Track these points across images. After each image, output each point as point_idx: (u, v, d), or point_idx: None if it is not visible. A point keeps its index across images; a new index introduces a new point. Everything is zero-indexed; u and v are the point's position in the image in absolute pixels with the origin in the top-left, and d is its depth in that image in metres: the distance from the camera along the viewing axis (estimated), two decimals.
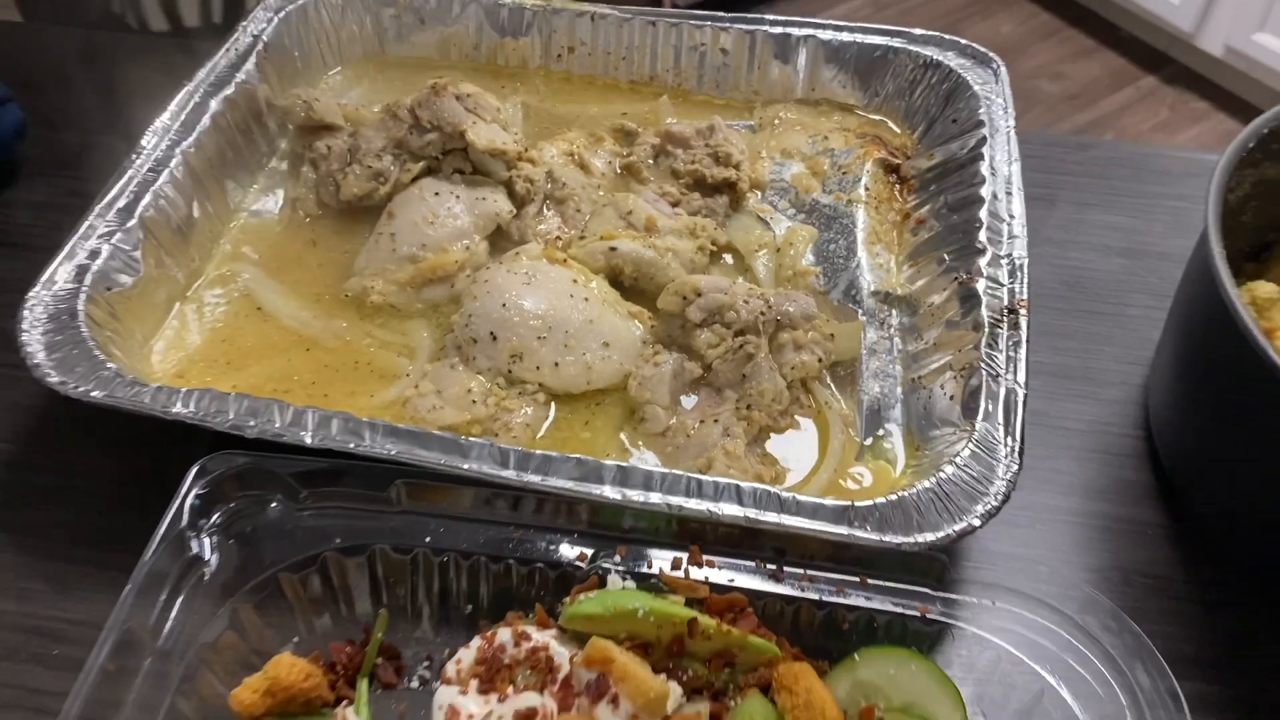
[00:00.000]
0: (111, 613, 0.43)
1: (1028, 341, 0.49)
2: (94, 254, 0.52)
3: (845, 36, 0.65)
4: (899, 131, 0.64)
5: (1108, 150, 0.72)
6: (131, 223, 0.53)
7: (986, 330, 0.49)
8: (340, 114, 0.62)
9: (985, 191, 0.54)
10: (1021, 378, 0.47)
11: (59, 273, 0.51)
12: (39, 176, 0.69)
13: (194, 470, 0.43)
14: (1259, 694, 0.45)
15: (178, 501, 0.43)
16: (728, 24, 0.67)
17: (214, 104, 0.59)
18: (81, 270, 0.51)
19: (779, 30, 0.66)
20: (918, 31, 0.66)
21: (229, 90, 0.60)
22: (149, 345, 0.54)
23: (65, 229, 0.59)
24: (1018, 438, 0.45)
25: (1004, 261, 0.52)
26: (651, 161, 0.63)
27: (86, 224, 0.53)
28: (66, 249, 0.52)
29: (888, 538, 0.42)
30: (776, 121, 0.66)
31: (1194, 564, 0.51)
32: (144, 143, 0.57)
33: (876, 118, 0.66)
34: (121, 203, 0.54)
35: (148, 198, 0.55)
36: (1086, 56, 2.49)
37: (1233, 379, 0.48)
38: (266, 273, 0.58)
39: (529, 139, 0.64)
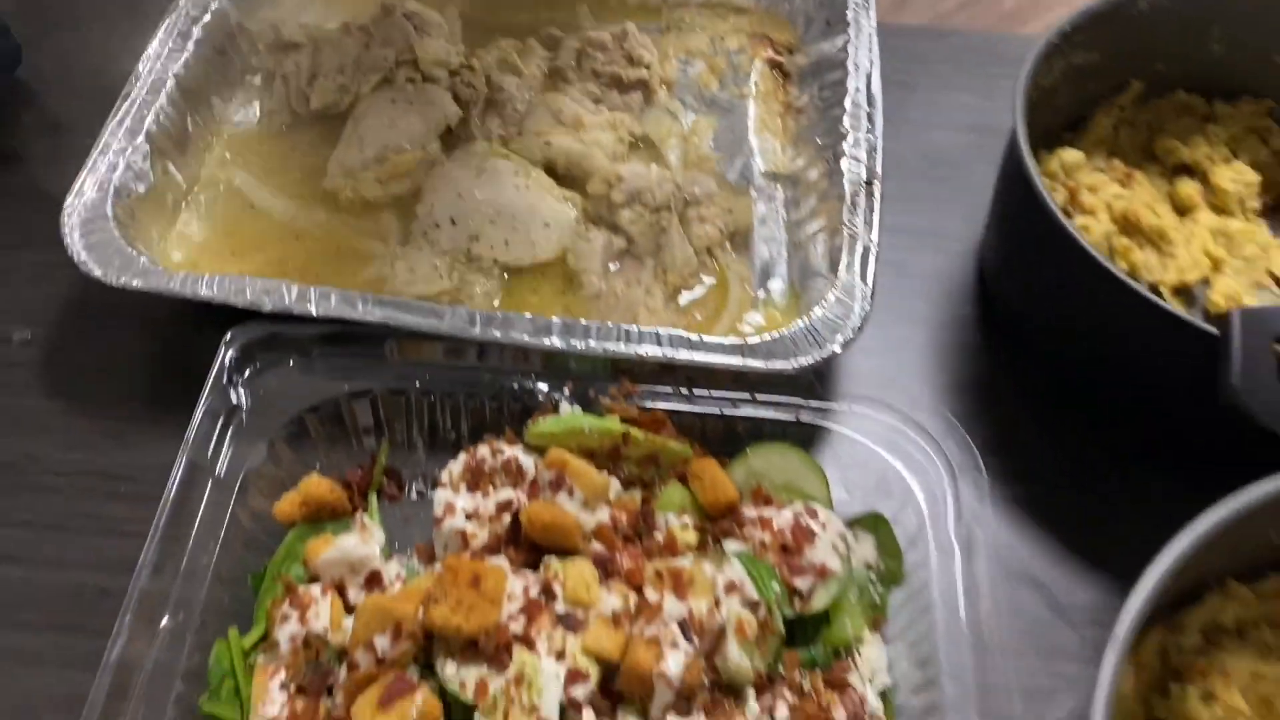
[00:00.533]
0: (168, 454, 0.55)
1: (880, 208, 0.62)
2: (112, 167, 0.62)
3: None
4: (786, 33, 0.76)
5: (962, 39, 0.84)
6: (139, 139, 0.63)
7: (848, 199, 0.61)
8: (303, 33, 0.72)
9: (850, 84, 0.66)
10: (875, 236, 0.60)
11: (86, 184, 0.61)
12: (42, 97, 0.77)
13: (227, 337, 0.55)
14: (1052, 465, 0.60)
15: (218, 362, 0.54)
16: None
17: (195, 30, 0.68)
18: (104, 181, 0.61)
19: None
20: None
21: (206, 18, 0.69)
22: (164, 242, 0.64)
23: (72, 144, 0.69)
24: (870, 283, 0.58)
25: (864, 142, 0.64)
26: (574, 64, 0.73)
27: (103, 140, 0.63)
28: (89, 164, 0.62)
29: (771, 364, 0.56)
30: (681, 24, 0.76)
31: (1008, 373, 0.65)
32: (139, 68, 0.66)
33: (766, 18, 0.77)
34: (128, 122, 0.64)
35: (150, 116, 0.64)
36: None
37: (1024, 221, 0.61)
38: (253, 175, 0.68)
39: (468, 48, 0.74)
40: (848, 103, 0.65)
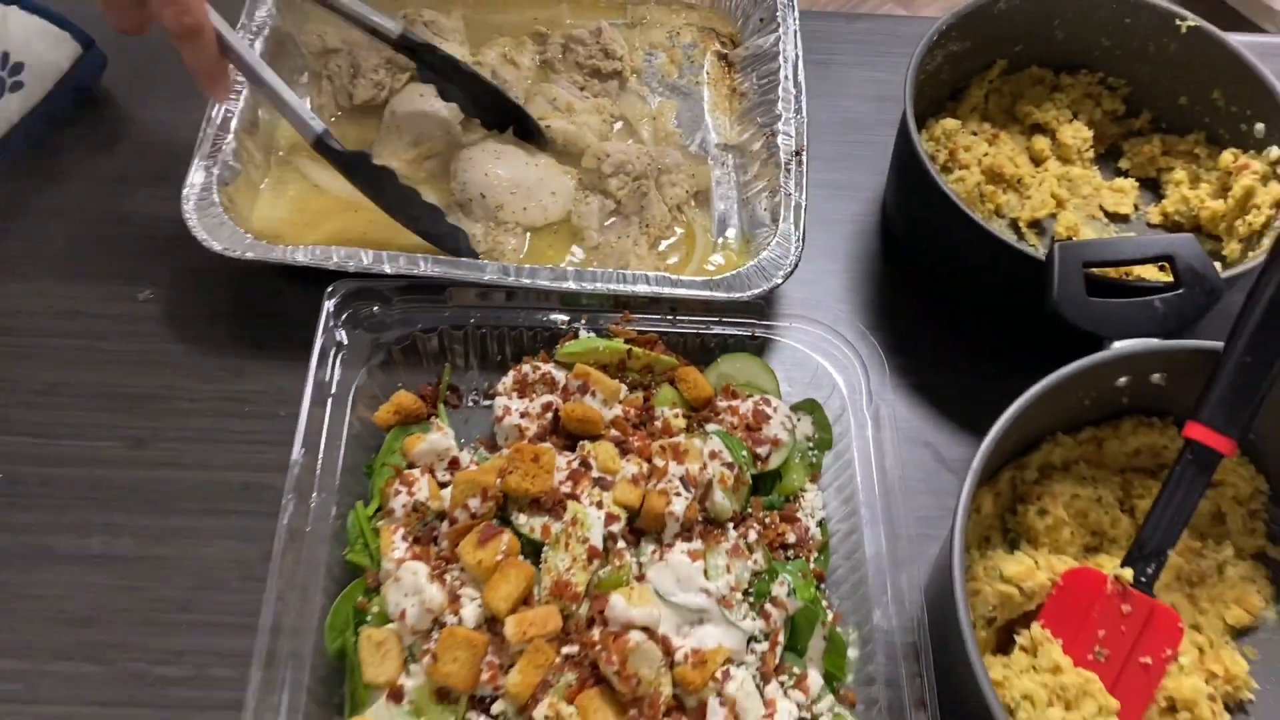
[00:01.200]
0: (277, 381, 0.74)
1: (807, 170, 0.81)
2: (211, 160, 0.79)
3: None
4: (730, 27, 0.94)
5: (867, 23, 1.03)
6: (229, 137, 0.80)
7: (783, 166, 0.81)
8: (342, 40, 0.89)
9: (781, 73, 0.85)
10: (804, 196, 0.80)
11: (194, 175, 0.78)
12: (130, 100, 0.91)
13: (329, 290, 0.73)
14: (933, 358, 0.81)
15: (324, 310, 0.72)
16: None
17: (258, 44, 0.85)
18: (208, 171, 0.78)
19: None
20: None
21: (266, 31, 0.86)
22: (253, 218, 0.82)
23: (165, 138, 0.85)
24: (802, 231, 0.78)
25: (793, 120, 0.83)
26: (560, 56, 0.91)
27: (200, 136, 0.79)
28: (195, 161, 0.78)
29: (731, 295, 0.75)
30: (643, 21, 0.94)
31: (904, 293, 0.85)
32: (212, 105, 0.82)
33: (713, 14, 0.95)
34: (218, 121, 0.80)
35: (235, 119, 0.81)
36: None
37: (912, 176, 0.81)
38: (313, 160, 0.85)
39: (473, 47, 0.91)
40: (779, 90, 0.84)
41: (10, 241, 0.82)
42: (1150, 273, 0.78)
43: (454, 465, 0.70)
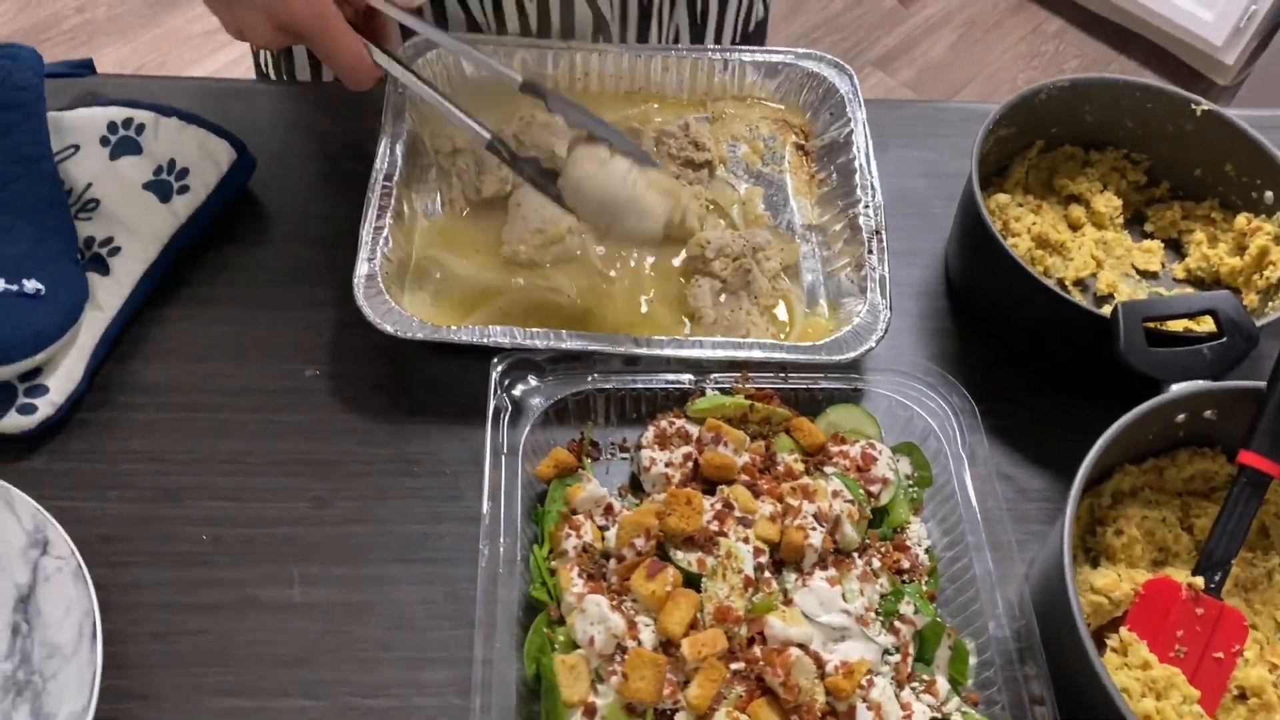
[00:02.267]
0: (442, 444, 0.84)
1: (888, 246, 0.94)
2: (371, 253, 0.90)
3: (759, 56, 1.07)
4: (801, 119, 1.07)
5: (912, 108, 1.17)
6: (384, 233, 0.91)
7: (866, 245, 0.93)
8: (466, 141, 1.00)
9: (854, 161, 0.98)
10: (887, 269, 0.92)
11: (360, 266, 0.88)
12: (278, 197, 1.02)
13: (495, 362, 0.83)
14: (1012, 401, 0.93)
15: (492, 380, 0.82)
16: (686, 53, 1.07)
17: (399, 147, 0.96)
18: (370, 263, 0.89)
19: (718, 55, 1.07)
20: (800, 50, 1.08)
21: (403, 137, 0.97)
22: (403, 303, 0.92)
23: (316, 232, 0.96)
24: (888, 301, 0.90)
25: (871, 202, 0.96)
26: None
27: (363, 231, 0.90)
28: (361, 254, 0.89)
29: (833, 357, 0.87)
30: (724, 115, 1.07)
31: (974, 345, 0.97)
32: (372, 178, 0.93)
33: (785, 109, 1.08)
34: (373, 217, 0.91)
35: (388, 217, 0.92)
36: None
37: (980, 243, 0.93)
38: (449, 251, 0.96)
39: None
40: (856, 177, 0.96)
41: (183, 327, 0.93)
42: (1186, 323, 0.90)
43: (609, 511, 0.81)
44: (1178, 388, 0.79)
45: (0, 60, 0.96)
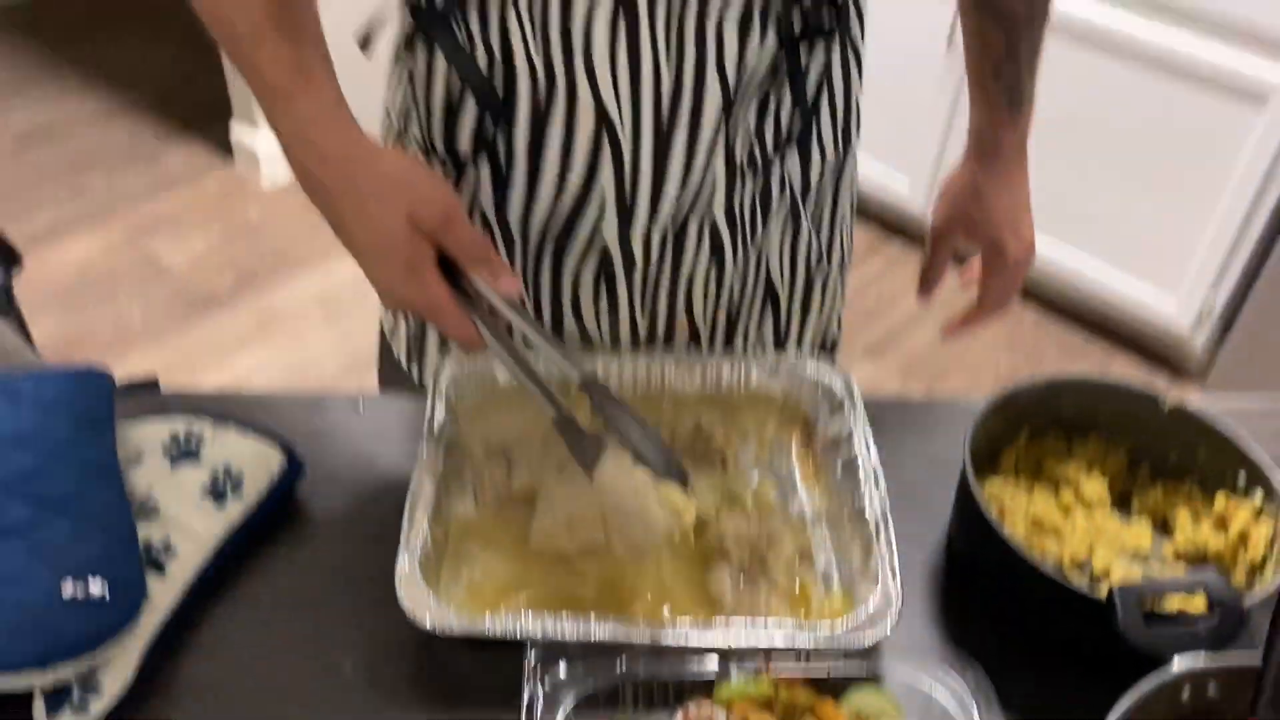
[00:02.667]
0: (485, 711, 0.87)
1: (894, 532, 1.00)
2: (411, 550, 0.96)
3: (763, 360, 1.18)
4: (804, 416, 1.16)
5: (903, 408, 1.28)
6: (423, 532, 0.98)
7: (873, 531, 1.00)
8: (500, 443, 1.09)
9: (858, 459, 1.06)
10: (895, 554, 0.98)
11: (401, 563, 0.95)
12: (322, 499, 1.10)
13: (527, 652, 0.88)
14: (1021, 674, 0.96)
15: (527, 664, 0.87)
16: (697, 357, 1.18)
17: (438, 450, 1.05)
18: (410, 560, 0.95)
19: (726, 360, 1.18)
20: (800, 355, 1.19)
21: (442, 441, 1.06)
22: (443, 596, 0.98)
23: (358, 532, 1.03)
24: (899, 586, 0.96)
25: (875, 492, 1.03)
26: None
27: (403, 531, 0.97)
28: (401, 552, 0.95)
29: (851, 643, 0.92)
30: (734, 413, 1.17)
31: (980, 621, 1.02)
32: (413, 480, 1.01)
33: (789, 407, 1.18)
34: (416, 516, 0.98)
35: (426, 516, 0.99)
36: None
37: (980, 530, 1.00)
38: (481, 545, 1.03)
39: None
40: (859, 469, 1.05)
41: (229, 625, 0.97)
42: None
43: None
44: (1180, 660, 0.84)
45: (78, 381, 1.06)
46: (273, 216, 3.71)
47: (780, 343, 1.33)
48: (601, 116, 1.03)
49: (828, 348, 1.41)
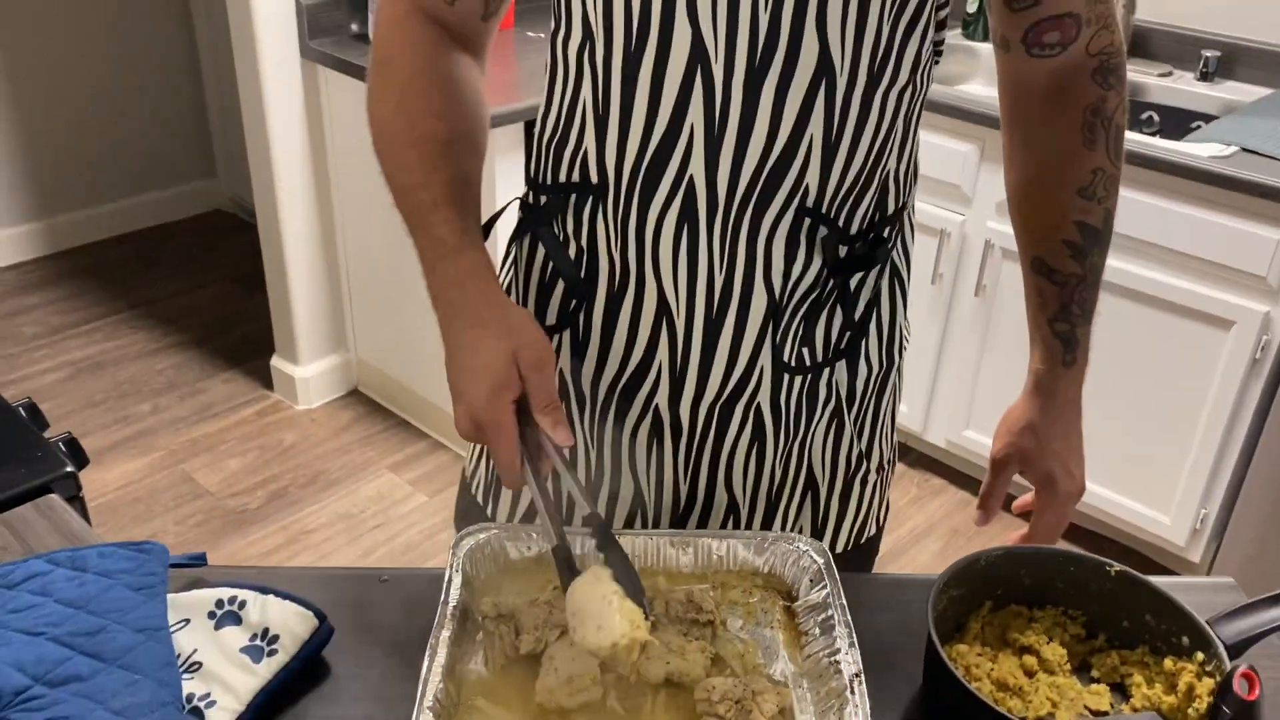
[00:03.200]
0: None
1: (867, 691, 1.10)
2: (426, 705, 1.06)
3: (749, 538, 1.30)
4: (786, 586, 1.28)
5: (881, 580, 1.39)
6: (438, 688, 1.08)
7: (848, 685, 1.09)
8: (509, 607, 1.20)
9: (832, 619, 1.17)
10: (868, 707, 1.07)
11: (417, 716, 1.05)
12: (349, 660, 1.21)
13: None
14: None
15: None
16: (690, 536, 1.31)
17: (452, 615, 1.16)
18: (424, 716, 1.05)
19: (715, 539, 1.30)
20: (782, 534, 1.32)
21: (457, 605, 1.18)
22: None
23: (380, 692, 1.13)
24: None
25: (850, 651, 1.13)
26: (665, 613, 1.23)
27: (420, 687, 1.07)
28: (417, 707, 1.05)
29: None
30: (721, 584, 1.28)
31: None
32: (430, 641, 1.13)
33: (773, 578, 1.30)
34: (429, 675, 1.09)
35: (440, 675, 1.10)
36: None
37: (947, 688, 1.09)
38: (489, 700, 1.13)
39: None
40: (834, 631, 1.15)
41: None
42: None
43: None
44: None
45: (138, 553, 1.20)
46: (305, 440, 3.91)
47: (817, 532, 1.46)
48: (663, 305, 1.24)
49: (863, 545, 1.53)
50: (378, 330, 4.00)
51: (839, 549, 1.50)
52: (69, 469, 1.50)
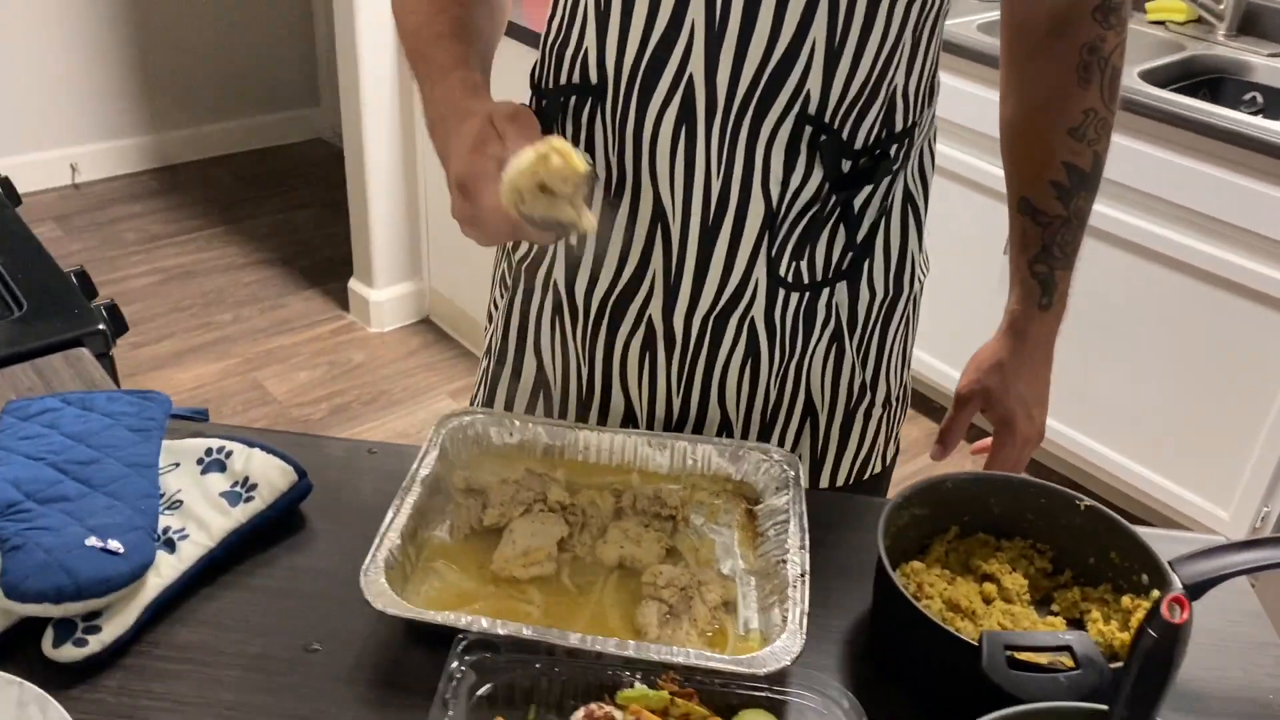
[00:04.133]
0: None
1: (809, 590, 1.11)
2: (380, 557, 1.10)
3: (724, 447, 1.32)
4: (753, 491, 1.29)
5: (848, 498, 1.39)
6: (397, 539, 1.13)
7: (791, 584, 1.11)
8: (479, 483, 1.25)
9: (789, 524, 1.18)
10: (807, 605, 1.08)
11: (368, 565, 1.09)
12: (323, 515, 1.27)
13: (457, 638, 1.00)
14: (901, 712, 1.03)
15: (454, 650, 0.99)
16: (666, 439, 1.33)
17: (422, 486, 1.21)
18: (377, 564, 1.10)
19: (691, 443, 1.32)
20: (755, 444, 1.33)
21: (429, 477, 1.22)
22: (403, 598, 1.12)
23: (348, 547, 1.19)
24: (804, 629, 1.06)
25: (799, 552, 1.14)
26: (631, 505, 1.25)
27: (377, 541, 1.12)
28: (370, 557, 1.10)
29: (752, 669, 1.02)
30: (692, 485, 1.30)
31: (882, 674, 1.10)
32: (394, 504, 1.17)
33: (742, 484, 1.31)
34: (390, 527, 1.13)
35: (399, 534, 1.14)
36: None
37: (882, 585, 1.09)
38: (449, 564, 1.17)
39: (571, 494, 1.26)
40: (789, 532, 1.17)
41: (222, 603, 1.13)
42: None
43: None
44: (1035, 705, 0.92)
45: (142, 400, 1.27)
46: (373, 360, 4.02)
47: (816, 463, 1.46)
48: (659, 211, 1.23)
49: (866, 481, 1.53)
50: (451, 263, 4.09)
51: (840, 481, 1.50)
52: (100, 328, 1.58)
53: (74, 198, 5.06)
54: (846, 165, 1.25)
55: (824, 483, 1.48)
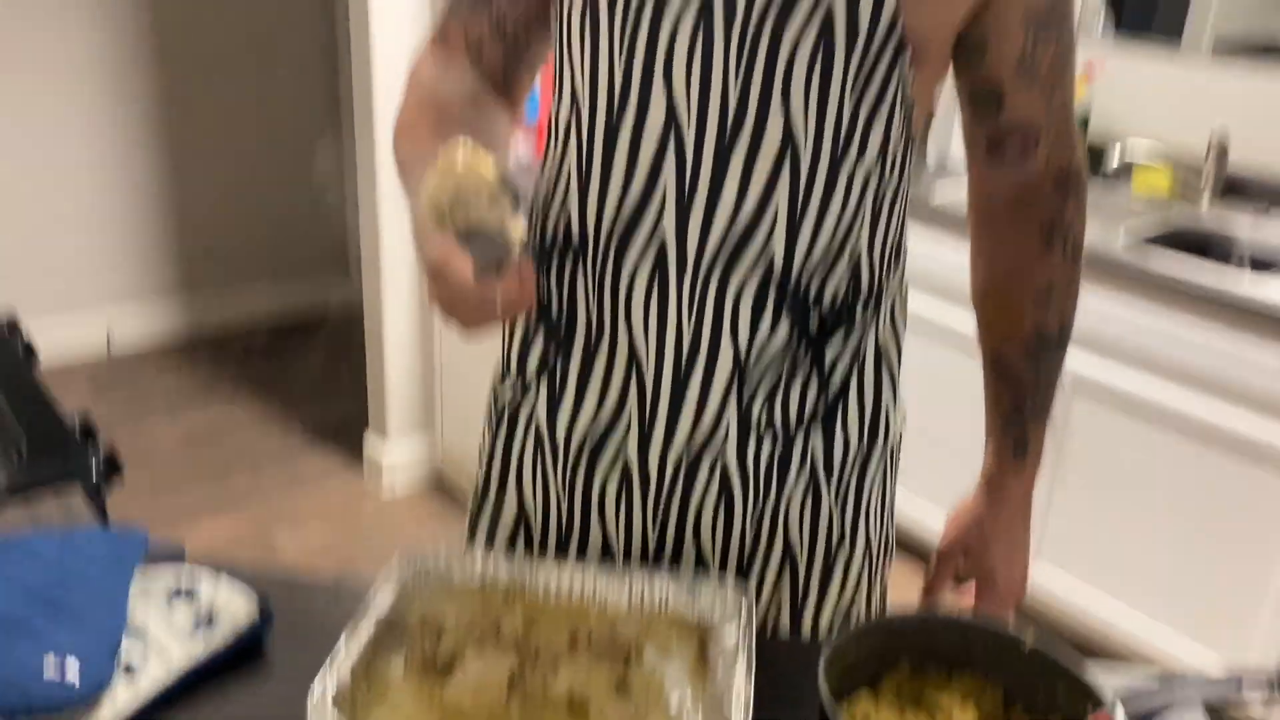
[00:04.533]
0: None
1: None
2: (325, 689, 1.13)
3: (679, 581, 1.34)
4: (707, 629, 1.31)
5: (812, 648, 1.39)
6: (346, 676, 1.15)
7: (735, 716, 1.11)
8: (434, 620, 1.27)
9: (737, 664, 1.20)
10: None
11: (315, 691, 1.12)
12: (284, 644, 1.30)
13: None
14: None
15: None
16: (624, 578, 1.35)
17: (373, 620, 1.24)
18: (323, 693, 1.12)
19: (648, 580, 1.35)
20: (708, 580, 1.35)
21: (386, 614, 1.25)
22: None
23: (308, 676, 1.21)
24: None
25: (743, 694, 1.16)
26: (586, 639, 1.27)
27: (319, 674, 1.15)
28: (313, 688, 1.13)
29: None
30: (650, 623, 1.32)
31: None
32: (340, 642, 1.20)
33: (697, 620, 1.33)
34: (344, 664, 1.16)
35: (350, 666, 1.17)
36: None
37: None
38: (400, 701, 1.19)
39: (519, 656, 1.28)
40: (736, 674, 1.18)
41: None
42: None
43: None
44: None
45: (119, 538, 1.33)
46: (384, 523, 4.07)
47: (797, 610, 1.47)
48: (633, 357, 1.29)
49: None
50: (464, 434, 4.19)
51: (823, 629, 1.50)
52: (93, 472, 1.66)
53: (105, 365, 5.26)
54: (814, 320, 1.31)
55: (806, 629, 1.48)
